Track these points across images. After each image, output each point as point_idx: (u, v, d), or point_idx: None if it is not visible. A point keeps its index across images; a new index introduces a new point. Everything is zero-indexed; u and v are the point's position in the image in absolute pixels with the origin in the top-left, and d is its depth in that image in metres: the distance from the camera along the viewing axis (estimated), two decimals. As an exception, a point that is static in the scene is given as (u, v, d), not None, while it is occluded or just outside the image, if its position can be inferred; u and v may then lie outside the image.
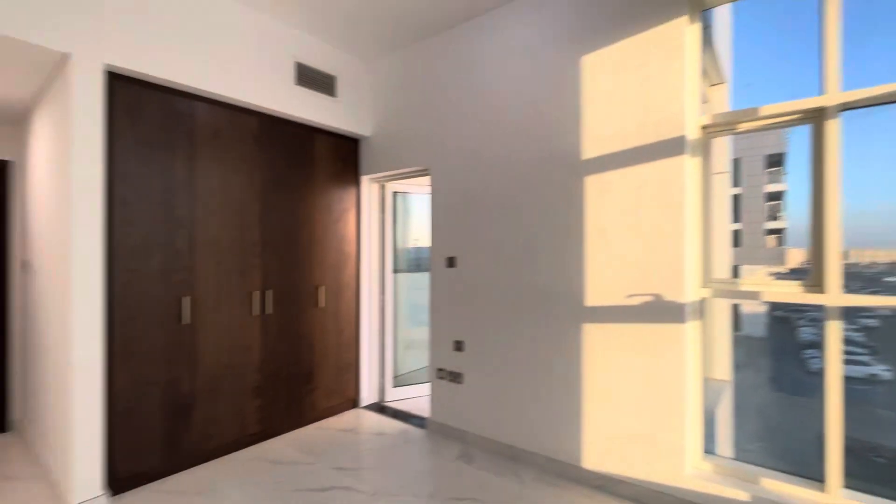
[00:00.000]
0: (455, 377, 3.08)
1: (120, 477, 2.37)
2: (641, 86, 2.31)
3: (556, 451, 2.59)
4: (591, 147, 2.48)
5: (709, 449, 2.30)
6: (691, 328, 2.21)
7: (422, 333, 4.04)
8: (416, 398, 3.91)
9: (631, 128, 2.34)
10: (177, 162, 2.60)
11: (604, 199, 2.43)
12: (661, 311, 2.24)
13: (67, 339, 2.20)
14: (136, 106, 2.44)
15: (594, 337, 2.46)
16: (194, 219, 2.67)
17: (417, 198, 4.15)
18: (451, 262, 3.12)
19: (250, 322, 2.96)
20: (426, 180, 3.89)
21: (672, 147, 2.22)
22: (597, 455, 2.44)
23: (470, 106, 3.02)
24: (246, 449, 2.93)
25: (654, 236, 2.26)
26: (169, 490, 2.43)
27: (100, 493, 2.23)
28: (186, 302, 2.62)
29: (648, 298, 2.28)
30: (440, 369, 3.17)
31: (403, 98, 3.43)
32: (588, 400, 2.48)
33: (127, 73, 2.39)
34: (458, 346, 3.07)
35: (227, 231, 2.83)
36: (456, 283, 3.09)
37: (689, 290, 2.20)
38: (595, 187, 2.46)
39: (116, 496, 2.35)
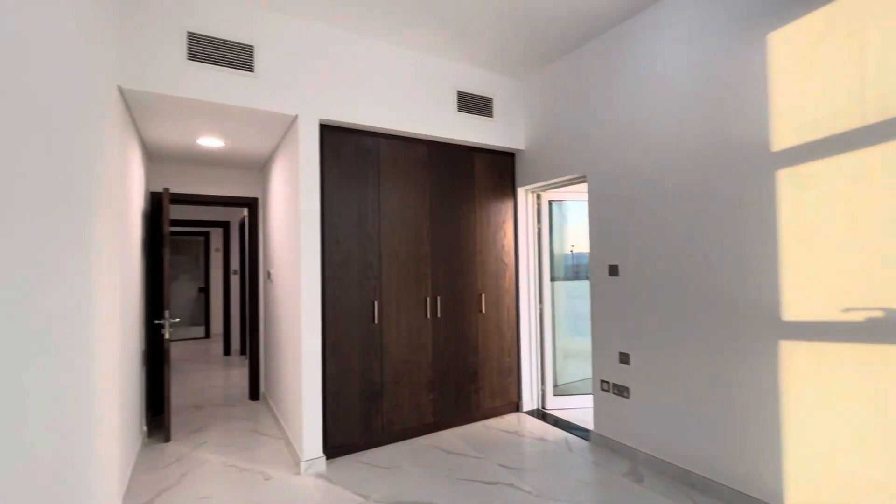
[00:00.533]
0: (621, 391, 2.95)
1: (331, 444, 2.96)
2: (855, 56, 1.90)
3: (747, 484, 2.27)
4: (784, 136, 2.14)
5: None
6: (948, 354, 1.71)
7: (581, 343, 3.96)
8: (577, 409, 3.84)
9: (841, 108, 1.95)
10: (367, 189, 3.15)
11: (803, 195, 2.07)
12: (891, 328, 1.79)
13: (300, 333, 2.86)
14: (338, 148, 3.06)
15: (796, 356, 2.09)
16: (380, 236, 3.19)
17: (574, 204, 4.10)
18: (613, 271, 3.01)
19: (424, 324, 3.36)
20: (582, 186, 3.83)
21: (906, 124, 1.77)
22: (806, 495, 2.06)
23: (627, 107, 2.89)
24: (422, 436, 3.32)
25: (882, 237, 1.83)
26: (365, 462, 2.92)
27: (320, 455, 2.83)
28: (376, 305, 3.13)
29: (877, 313, 1.85)
30: (604, 381, 3.08)
31: (556, 109, 3.47)
32: (790, 428, 2.11)
33: (332, 123, 3.01)
34: (624, 358, 2.94)
35: (404, 245, 3.29)
36: (619, 292, 2.97)
37: (943, 305, 1.71)
38: (790, 182, 2.11)
39: (330, 458, 2.94)
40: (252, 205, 4.44)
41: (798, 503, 2.08)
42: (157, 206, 3.94)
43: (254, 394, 4.38)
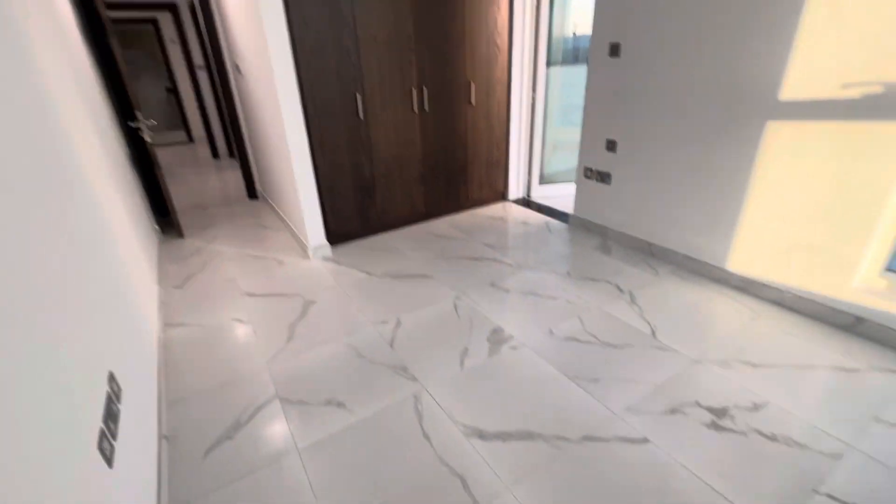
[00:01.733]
0: (603, 177, 3.09)
1: (332, 233, 3.24)
2: None
3: (699, 251, 2.61)
4: None
5: (894, 267, 2.06)
6: (927, 128, 1.73)
7: (571, 134, 3.93)
8: (561, 197, 4.09)
9: None
10: (330, -50, 2.58)
11: (852, -60, 1.73)
12: (891, 104, 1.76)
13: (283, 131, 2.78)
14: None
15: (779, 138, 2.12)
16: (355, 12, 2.77)
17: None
18: (614, 51, 2.76)
19: (412, 119, 3.25)
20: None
21: None
22: (745, 259, 2.40)
23: None
24: (415, 224, 3.61)
25: (919, -5, 1.62)
26: (365, 246, 3.26)
27: (324, 243, 3.13)
28: (359, 99, 2.96)
29: (877, 88, 1.79)
30: (588, 168, 3.18)
31: None
32: (750, 204, 2.31)
33: None
34: (611, 145, 2.97)
35: (384, 25, 2.90)
36: (617, 74, 2.78)
37: (947, 76, 1.64)
38: (843, -78, 1.74)
39: (333, 245, 3.27)
40: (196, -23, 3.70)
41: (737, 263, 2.44)
42: (81, -19, 3.27)
43: (251, 193, 4.54)
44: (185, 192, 4.95)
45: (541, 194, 4.11)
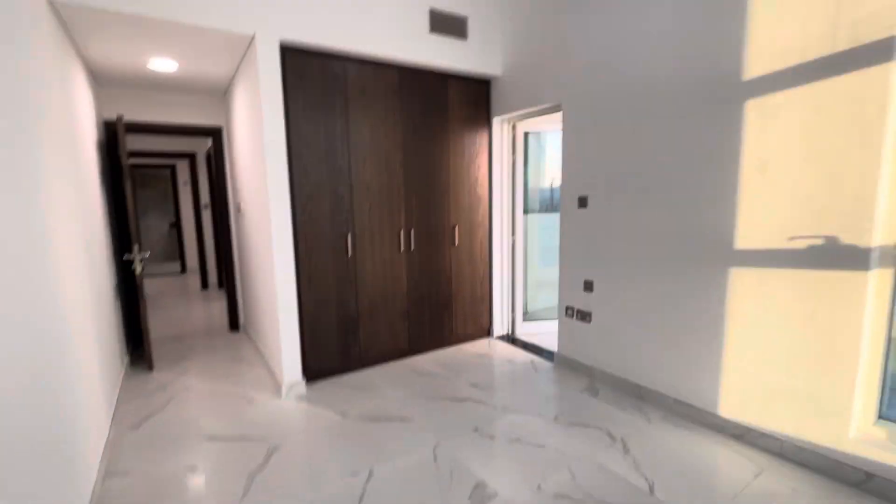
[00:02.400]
0: (583, 316, 3.14)
1: (310, 369, 3.11)
2: (834, -24, 1.84)
3: (688, 395, 2.52)
4: (756, 65, 2.11)
5: (889, 415, 1.99)
6: (877, 277, 1.86)
7: (552, 273, 4.12)
8: (546, 334, 4.08)
9: (814, 33, 1.92)
10: (335, 118, 3.02)
11: (768, 124, 2.09)
12: (837, 255, 1.92)
13: (272, 266, 2.88)
14: (302, 72, 2.88)
15: (743, 282, 2.24)
16: (351, 167, 3.12)
17: (553, 136, 4.04)
18: (582, 202, 3.06)
19: (399, 257, 3.41)
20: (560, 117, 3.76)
21: (873, 53, 1.77)
22: (736, 404, 2.32)
23: (604, 35, 2.77)
24: (398, 360, 3.51)
25: (835, 167, 1.90)
26: (343, 384, 3.10)
27: (300, 379, 2.99)
28: (349, 238, 3.15)
29: (818, 241, 1.97)
30: (569, 307, 3.25)
31: (534, 33, 3.29)
32: (730, 347, 2.32)
33: (294, 45, 2.80)
34: (588, 286, 3.09)
35: (376, 177, 3.24)
36: (587, 222, 3.05)
37: (879, 233, 1.83)
38: (757, 112, 2.12)
39: (309, 382, 3.10)
40: (216, 134, 4.23)
41: (729, 409, 2.34)
42: (112, 135, 3.72)
43: (233, 325, 4.48)
44: (168, 321, 4.87)
45: (525, 331, 4.11)
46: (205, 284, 6.78)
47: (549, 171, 4.15)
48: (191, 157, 6.66)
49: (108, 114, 3.76)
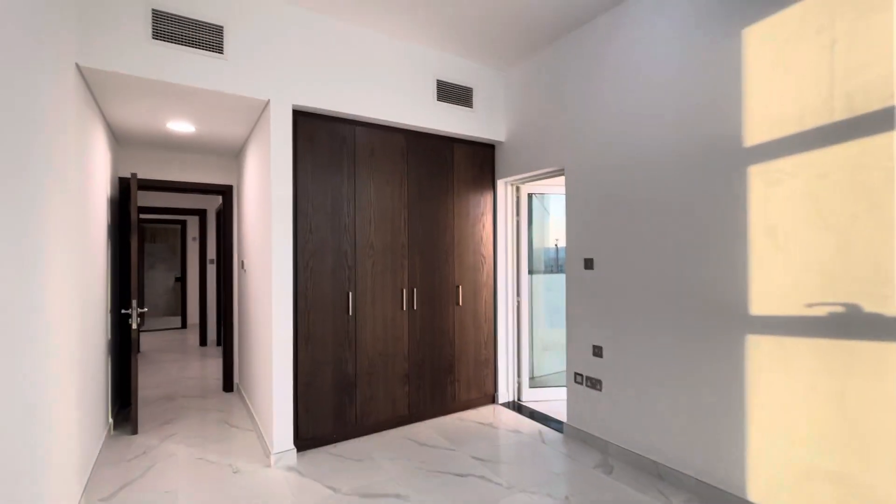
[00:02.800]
0: (594, 383, 2.98)
1: (303, 436, 2.92)
2: (825, 52, 1.91)
3: (712, 475, 2.30)
4: (756, 132, 2.15)
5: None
6: (905, 348, 1.74)
7: (558, 336, 3.98)
8: (552, 401, 3.87)
9: (811, 104, 1.96)
10: (342, 178, 3.09)
11: (773, 191, 2.08)
12: (861, 324, 1.82)
13: (270, 323, 2.80)
14: (312, 134, 2.98)
15: (762, 351, 2.12)
16: (356, 225, 3.13)
17: (558, 198, 4.10)
18: (588, 264, 3.02)
19: (400, 316, 3.32)
20: (563, 180, 3.83)
21: (873, 122, 1.79)
22: (766, 487, 2.10)
23: (607, 101, 2.88)
24: (396, 428, 3.30)
25: (845, 233, 1.85)
26: (337, 454, 2.89)
27: (291, 448, 2.79)
28: (350, 297, 3.09)
29: (839, 309, 1.88)
30: (577, 374, 3.09)
31: (537, 101, 3.44)
32: (753, 421, 2.15)
33: (306, 110, 2.93)
34: (597, 351, 2.95)
35: (381, 236, 3.24)
36: (594, 286, 2.98)
37: (901, 301, 1.74)
38: (761, 178, 2.13)
39: (300, 452, 2.90)
40: (227, 192, 4.33)
41: (758, 492, 2.12)
42: (125, 191, 3.81)
43: (228, 385, 4.30)
44: (161, 379, 4.70)
45: (532, 398, 3.90)
46: (203, 341, 6.64)
47: (554, 232, 4.15)
48: (201, 214, 6.80)
49: (124, 171, 3.88)
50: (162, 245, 9.80)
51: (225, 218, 4.32)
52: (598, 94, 2.94)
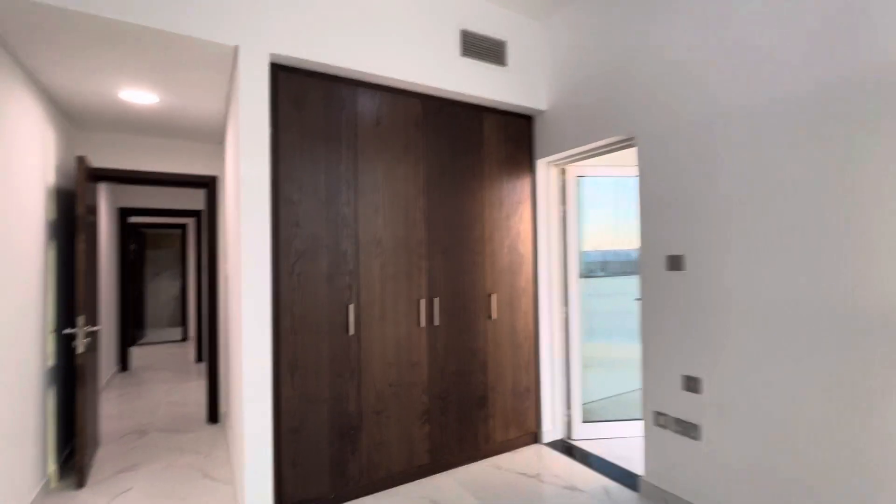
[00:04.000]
0: (687, 429, 2.14)
1: (289, 497, 2.16)
2: None
3: None
4: None
5: None
6: None
7: (600, 350, 3.16)
8: (614, 440, 3.04)
9: None
10: (340, 155, 2.35)
11: None
12: None
13: (240, 348, 2.07)
14: (300, 97, 2.25)
15: None
16: (358, 217, 2.39)
17: (599, 182, 3.27)
18: (674, 263, 2.20)
19: (417, 334, 2.56)
20: (623, 158, 3.04)
21: None
22: None
23: (695, 36, 2.08)
24: (414, 482, 2.52)
25: None
26: (335, 525, 2.13)
27: (268, 520, 2.04)
28: (351, 310, 2.33)
29: None
30: (660, 413, 2.27)
31: (592, 52, 2.65)
32: None
33: (291, 63, 2.21)
34: (691, 384, 2.13)
35: (392, 229, 2.49)
36: (683, 292, 2.16)
37: None
38: None
39: (286, 523, 2.15)
40: (211, 185, 3.64)
41: None
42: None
43: (213, 415, 3.59)
44: (139, 405, 4.02)
45: (586, 434, 3.07)
46: (200, 356, 5.99)
47: (610, 225, 3.31)
48: (198, 215, 6.18)
49: (91, 160, 3.23)
50: (167, 251, 9.32)
51: (209, 217, 3.64)
52: (683, 28, 2.13)
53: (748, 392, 1.90)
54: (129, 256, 7.05)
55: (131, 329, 7.00)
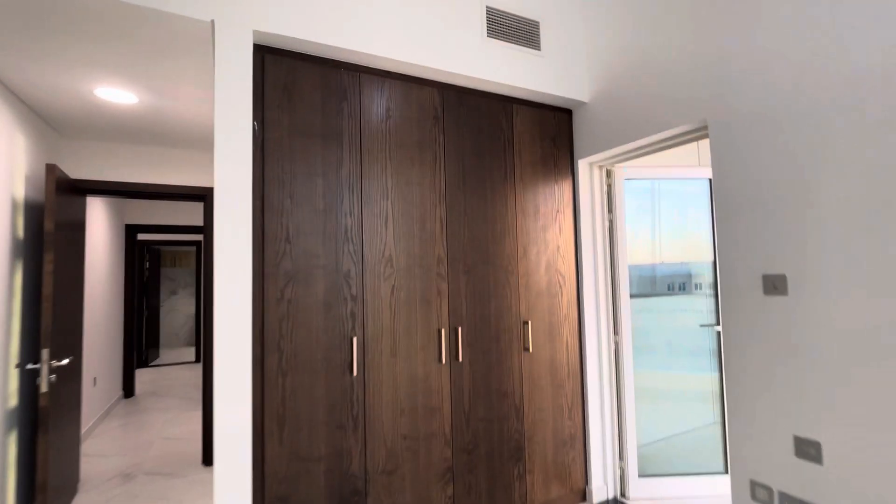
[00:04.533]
0: (798, 509, 1.59)
1: (275, 592, 1.69)
2: None
3: None
4: None
5: None
6: None
7: (647, 379, 2.59)
8: (677, 500, 2.46)
9: None
10: (340, 154, 1.93)
11: None
12: None
13: (213, 393, 1.64)
14: (291, 85, 1.86)
15: None
16: (363, 230, 1.95)
17: (643, 185, 2.75)
18: (773, 287, 1.67)
19: (436, 373, 2.08)
20: (657, 158, 2.55)
21: None
22: None
23: (784, 5, 1.59)
24: (434, 560, 2.02)
25: None
26: None
27: None
28: (355, 344, 1.88)
29: None
30: (761, 486, 1.71)
31: (645, 32, 2.18)
32: None
33: (279, 45, 1.82)
34: (805, 448, 1.57)
35: (405, 245, 2.04)
36: (788, 323, 1.63)
37: None
38: None
39: None
40: (208, 198, 3.30)
41: None
42: (72, 198, 2.85)
43: (207, 456, 3.18)
44: (132, 441, 3.65)
45: (644, 492, 2.50)
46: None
47: (648, 235, 2.77)
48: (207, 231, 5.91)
49: (70, 170, 2.93)
50: (185, 270, 9.20)
51: (205, 232, 3.29)
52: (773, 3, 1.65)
53: (885, 461, 1.35)
54: (143, 275, 6.87)
55: (141, 351, 6.75)
